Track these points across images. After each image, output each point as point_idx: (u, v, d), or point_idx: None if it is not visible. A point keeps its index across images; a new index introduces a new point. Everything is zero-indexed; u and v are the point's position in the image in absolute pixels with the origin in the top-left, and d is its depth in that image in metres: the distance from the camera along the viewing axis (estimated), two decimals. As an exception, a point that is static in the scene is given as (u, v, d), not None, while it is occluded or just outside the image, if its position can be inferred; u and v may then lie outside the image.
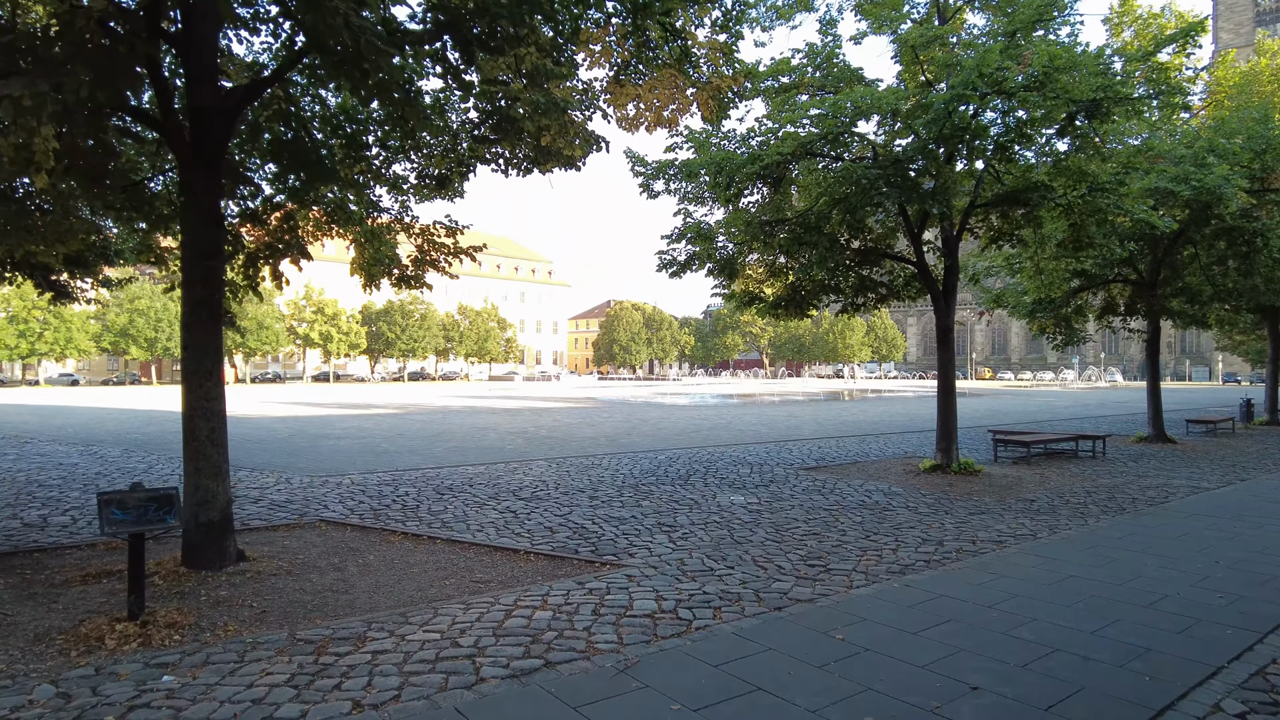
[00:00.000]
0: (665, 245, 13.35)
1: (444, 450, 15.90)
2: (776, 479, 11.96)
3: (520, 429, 21.09)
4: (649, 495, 10.31)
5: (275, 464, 13.66)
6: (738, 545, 7.55)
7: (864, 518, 9.07)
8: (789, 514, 9.20)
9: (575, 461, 13.90)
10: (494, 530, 8.17)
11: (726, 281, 13.79)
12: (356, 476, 12.00)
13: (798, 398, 44.15)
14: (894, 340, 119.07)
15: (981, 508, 9.84)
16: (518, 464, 13.55)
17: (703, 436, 19.25)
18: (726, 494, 10.50)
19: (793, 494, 10.65)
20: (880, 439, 18.93)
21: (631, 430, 20.92)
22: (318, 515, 8.95)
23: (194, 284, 6.66)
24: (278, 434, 19.44)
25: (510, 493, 10.41)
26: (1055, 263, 16.44)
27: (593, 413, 29.05)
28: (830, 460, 14.54)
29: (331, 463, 13.90)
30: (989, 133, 11.23)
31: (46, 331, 71.45)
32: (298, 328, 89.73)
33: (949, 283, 13.22)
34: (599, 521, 8.59)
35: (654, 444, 17.28)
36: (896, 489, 11.22)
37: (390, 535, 8.03)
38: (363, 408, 32.28)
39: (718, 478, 12.01)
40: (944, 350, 13.34)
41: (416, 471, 12.56)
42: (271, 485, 11.03)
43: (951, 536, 8.10)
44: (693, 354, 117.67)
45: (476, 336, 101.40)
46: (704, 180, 12.81)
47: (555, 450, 15.97)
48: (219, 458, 6.61)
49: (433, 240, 10.67)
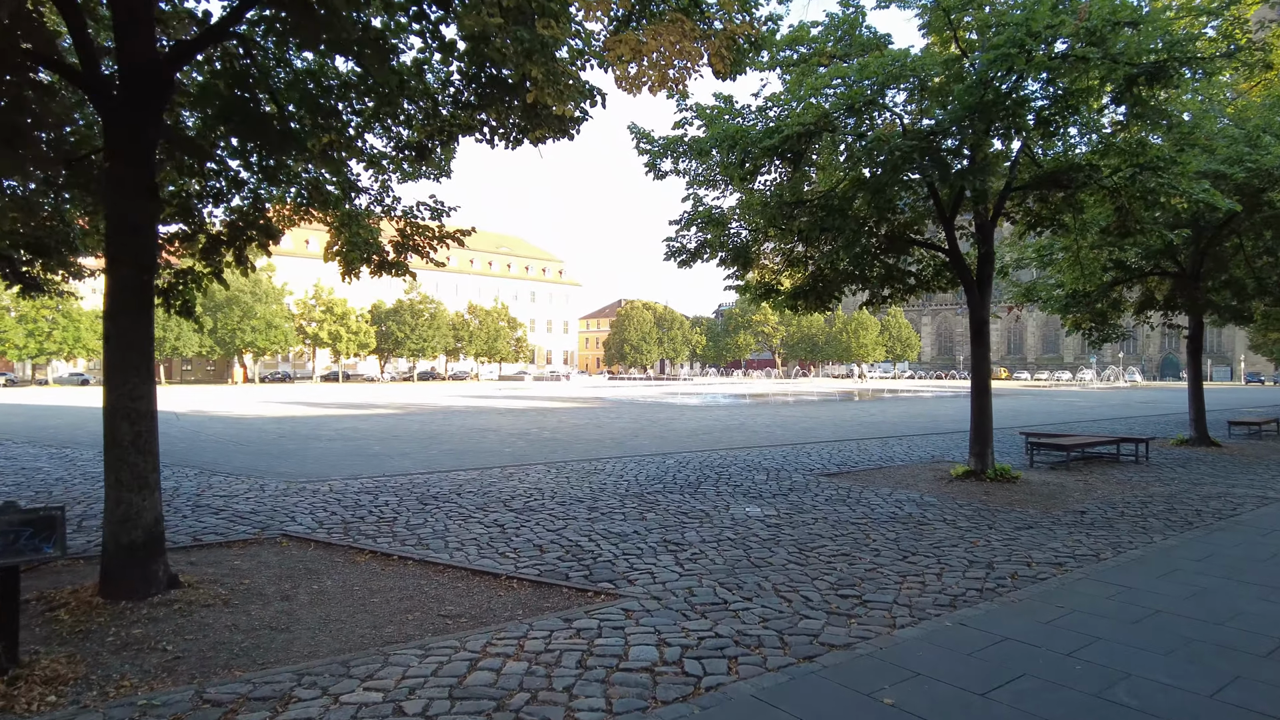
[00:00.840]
0: (674, 232, 12.32)
1: (438, 453, 14.92)
2: (796, 487, 10.90)
3: (522, 430, 20.09)
4: (654, 506, 9.27)
5: (255, 468, 12.71)
6: (756, 569, 6.50)
7: (898, 533, 7.99)
8: (813, 529, 8.14)
9: (576, 466, 12.87)
10: (475, 549, 7.16)
11: (740, 272, 12.73)
12: (338, 483, 11.03)
13: (812, 398, 43.01)
14: (908, 340, 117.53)
15: (1027, 521, 8.74)
16: (514, 469, 12.54)
17: (714, 439, 18.20)
18: (741, 505, 9.44)
19: (815, 505, 9.59)
20: (903, 441, 17.81)
21: (639, 432, 19.88)
22: (281, 529, 7.97)
23: (119, 264, 5.68)
24: (268, 435, 18.53)
25: (501, 503, 9.39)
26: (1095, 252, 15.25)
27: (600, 413, 28.04)
28: (853, 465, 13.45)
29: (316, 467, 12.94)
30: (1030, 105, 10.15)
31: (55, 331, 71.18)
32: (307, 327, 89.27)
33: (984, 272, 12.11)
34: (596, 538, 7.56)
35: (662, 447, 16.24)
36: (929, 498, 10.14)
37: (357, 554, 7.02)
38: (364, 408, 31.41)
39: (731, 485, 10.95)
40: (978, 346, 12.23)
41: (404, 477, 11.57)
42: (242, 493, 10.06)
43: (1001, 557, 7.02)
44: (704, 353, 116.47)
45: (486, 336, 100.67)
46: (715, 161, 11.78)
47: (557, 454, 14.96)
48: (146, 466, 5.62)
49: (416, 223, 9.69)
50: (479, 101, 7.53)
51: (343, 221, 9.46)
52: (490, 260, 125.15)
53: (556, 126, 7.22)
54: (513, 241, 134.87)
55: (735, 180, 10.84)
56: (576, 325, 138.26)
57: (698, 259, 12.44)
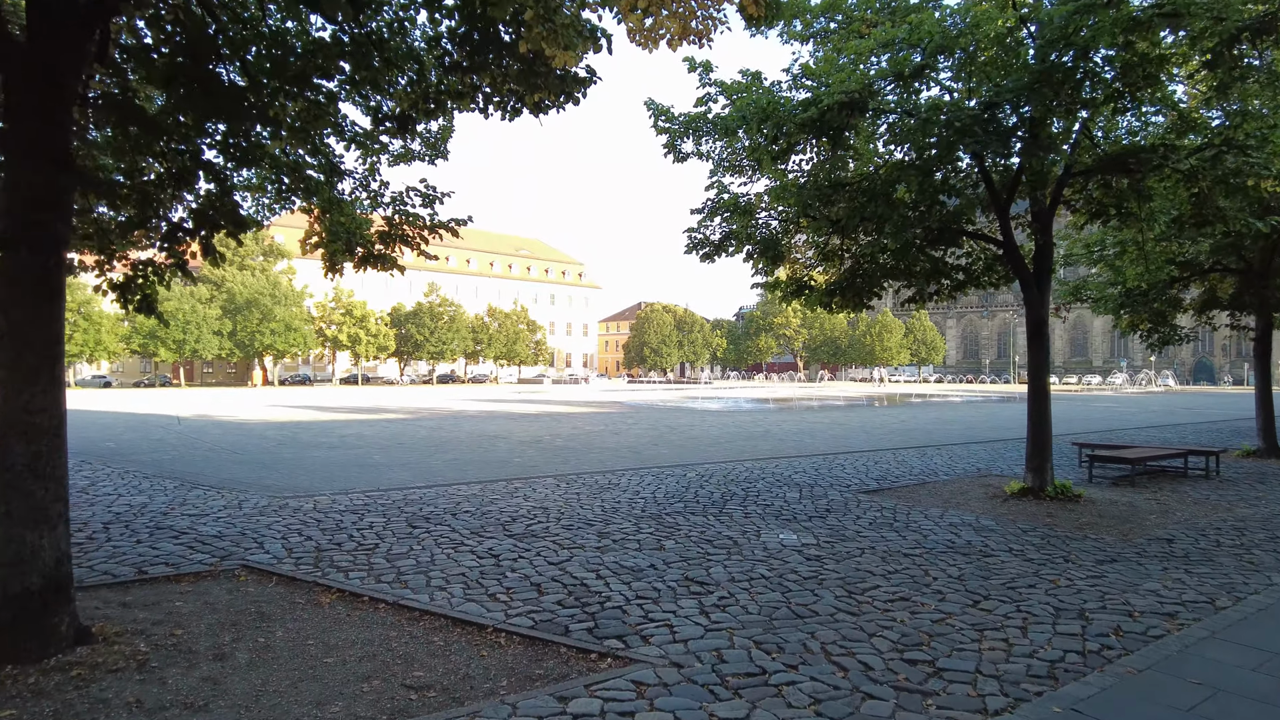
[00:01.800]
0: (695, 223, 11.18)
1: (441, 464, 13.86)
2: (834, 506, 9.69)
3: (535, 437, 19.01)
4: (674, 531, 8.11)
5: (241, 480, 11.71)
6: (798, 620, 5.32)
7: (961, 568, 6.78)
8: (860, 563, 6.94)
9: (589, 480, 11.74)
10: (461, 587, 6.04)
11: (769, 266, 11.55)
12: (325, 499, 9.99)
13: (838, 403, 41.62)
14: (933, 343, 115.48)
15: (1107, 551, 7.49)
16: (520, 482, 11.44)
17: (738, 448, 17.00)
18: (774, 530, 8.26)
19: (858, 529, 8.38)
20: (942, 452, 16.51)
21: (658, 440, 18.73)
22: (244, 558, 6.91)
23: (16, 246, 4.63)
24: (267, 442, 17.60)
25: (500, 525, 8.28)
26: (1163, 245, 13.87)
27: (618, 419, 26.91)
28: (893, 480, 12.21)
29: (307, 479, 11.93)
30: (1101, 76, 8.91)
31: (76, 334, 71.37)
32: (326, 330, 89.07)
33: (1041, 265, 10.85)
34: (605, 574, 6.41)
35: (683, 457, 15.07)
36: (986, 521, 8.90)
37: (323, 593, 5.94)
38: (374, 412, 30.51)
39: (760, 505, 9.77)
40: (1037, 349, 10.96)
41: (399, 492, 10.51)
42: (215, 511, 9.04)
43: (1094, 603, 5.80)
44: (724, 356, 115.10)
45: (505, 339, 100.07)
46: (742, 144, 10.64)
47: (569, 464, 13.85)
48: (46, 495, 4.55)
49: (405, 211, 8.62)
50: (470, 64, 6.44)
51: (325, 207, 8.43)
52: (510, 263, 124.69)
53: (558, 87, 6.10)
54: (533, 244, 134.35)
55: (766, 162, 9.67)
56: (596, 328, 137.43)
57: (722, 252, 11.30)
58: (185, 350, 76.18)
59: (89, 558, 6.82)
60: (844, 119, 8.39)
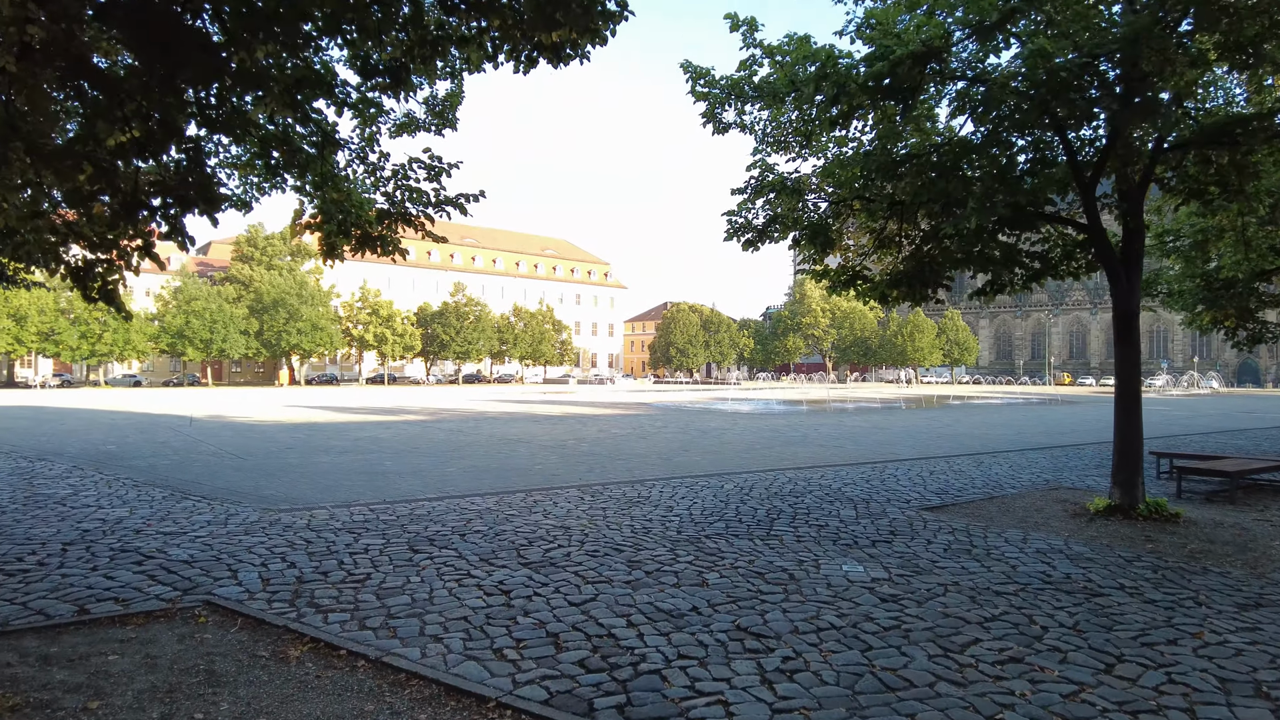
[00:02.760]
0: (736, 205, 9.97)
1: (456, 471, 12.79)
2: (898, 527, 8.44)
3: (558, 441, 17.90)
4: (717, 560, 6.91)
5: (236, 490, 10.73)
6: (891, 696, 4.11)
7: (1071, 613, 5.52)
8: (947, 604, 5.70)
9: (616, 493, 10.58)
10: (462, 637, 4.91)
11: (818, 254, 10.31)
12: (323, 512, 8.95)
13: (874, 405, 40.09)
14: (966, 343, 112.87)
15: (1244, 591, 6.17)
16: (540, 494, 10.32)
17: (776, 454, 15.75)
18: (834, 559, 7.03)
19: (932, 557, 7.14)
20: (999, 459, 15.13)
21: (689, 445, 17.52)
22: (211, 591, 5.85)
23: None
24: (274, 446, 16.67)
25: (514, 550, 7.14)
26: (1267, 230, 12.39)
27: (645, 421, 25.74)
28: (955, 493, 10.92)
29: (309, 489, 10.92)
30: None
31: (105, 334, 71.83)
32: (353, 329, 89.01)
33: (1131, 250, 9.50)
34: (638, 620, 5.24)
35: (718, 464, 13.87)
36: (1079, 547, 7.60)
37: (293, 643, 4.84)
38: (394, 413, 29.63)
39: (813, 525, 8.54)
40: (1126, 345, 9.61)
41: (406, 505, 9.44)
42: (195, 528, 8.01)
43: (1267, 670, 4.52)
44: (751, 357, 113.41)
45: (531, 339, 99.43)
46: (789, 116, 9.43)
47: (594, 472, 12.71)
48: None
49: (408, 186, 7.53)
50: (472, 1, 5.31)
51: (318, 183, 7.37)
52: (536, 263, 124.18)
53: (580, 21, 4.94)
54: (558, 244, 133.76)
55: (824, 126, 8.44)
56: (622, 328, 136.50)
57: (766, 239, 10.08)
58: (212, 350, 76.36)
59: (30, 589, 5.79)
60: (917, 76, 7.14)
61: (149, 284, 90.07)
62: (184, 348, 75.59)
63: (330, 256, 7.92)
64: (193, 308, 75.02)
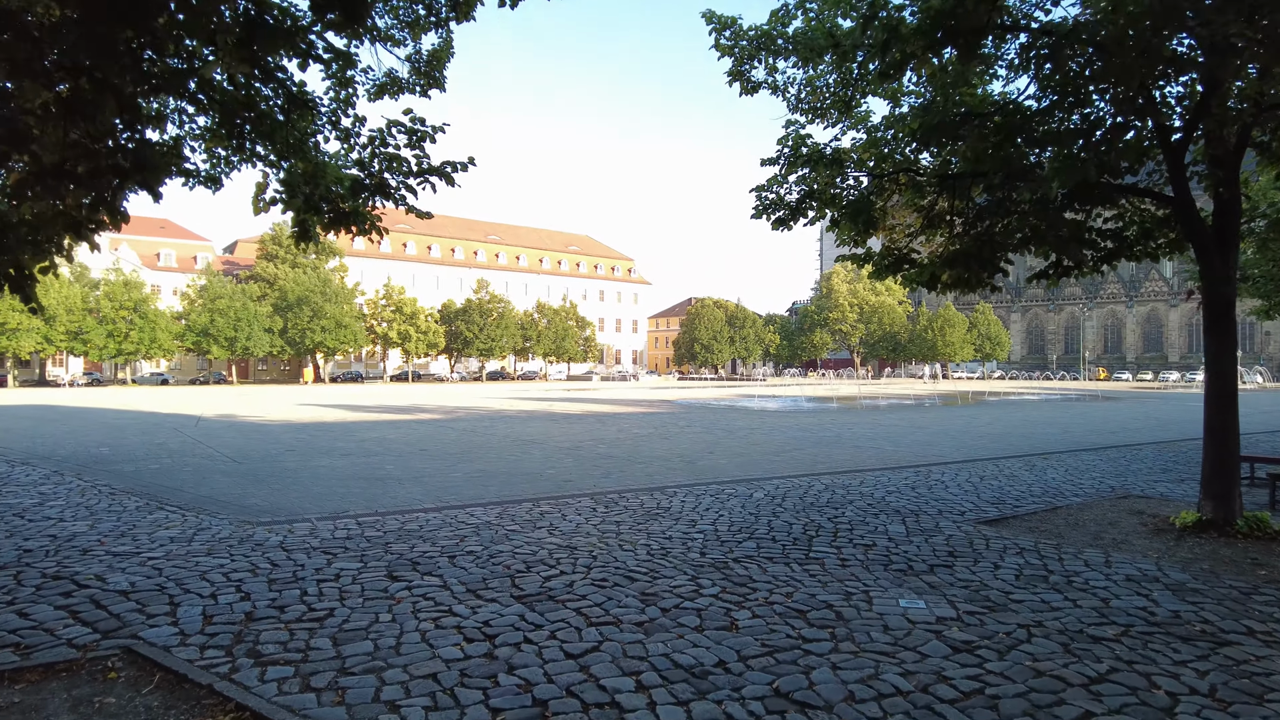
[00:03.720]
0: (766, 179, 8.84)
1: (462, 477, 11.81)
2: (956, 547, 7.27)
3: (575, 442, 16.87)
4: (748, 591, 5.81)
5: (219, 498, 9.83)
6: (993, 813, 3.00)
7: (1198, 669, 4.36)
8: (1036, 655, 4.56)
9: (632, 502, 9.52)
10: (424, 706, 3.86)
11: (859, 235, 9.14)
12: (304, 525, 7.99)
13: (907, 401, 38.62)
14: (997, 337, 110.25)
15: None
16: (549, 504, 9.28)
17: (809, 457, 14.58)
18: (888, 590, 5.90)
19: (1003, 586, 5.98)
20: (1051, 462, 13.84)
21: (714, 446, 16.40)
22: (139, 631, 4.87)
23: None
24: (275, 448, 15.82)
25: (508, 578, 6.09)
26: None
27: (668, 420, 24.64)
28: (1012, 503, 9.71)
29: (297, 497, 9.99)
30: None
31: (132, 332, 72.22)
32: (377, 327, 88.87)
33: (1225, 227, 8.23)
34: (650, 682, 4.16)
35: (745, 469, 12.75)
36: (1175, 572, 6.40)
37: (212, 712, 3.83)
38: (409, 412, 28.81)
39: (857, 542, 7.40)
40: (1219, 335, 8.34)
41: (398, 518, 8.45)
42: (153, 547, 7.07)
43: None
44: (777, 353, 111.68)
45: (554, 335, 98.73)
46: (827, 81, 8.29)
47: (610, 477, 11.65)
48: None
49: (386, 154, 6.51)
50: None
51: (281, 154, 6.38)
52: (560, 259, 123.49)
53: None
54: (582, 240, 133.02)
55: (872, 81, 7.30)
56: (646, 324, 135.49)
57: (799, 217, 8.95)
58: (237, 348, 76.47)
59: (-75, 631, 4.86)
60: (983, 13, 5.96)
61: (176, 282, 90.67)
62: (208, 346, 75.78)
63: (303, 239, 6.93)
64: (217, 306, 75.17)
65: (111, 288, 72.58)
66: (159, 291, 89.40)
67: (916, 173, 8.97)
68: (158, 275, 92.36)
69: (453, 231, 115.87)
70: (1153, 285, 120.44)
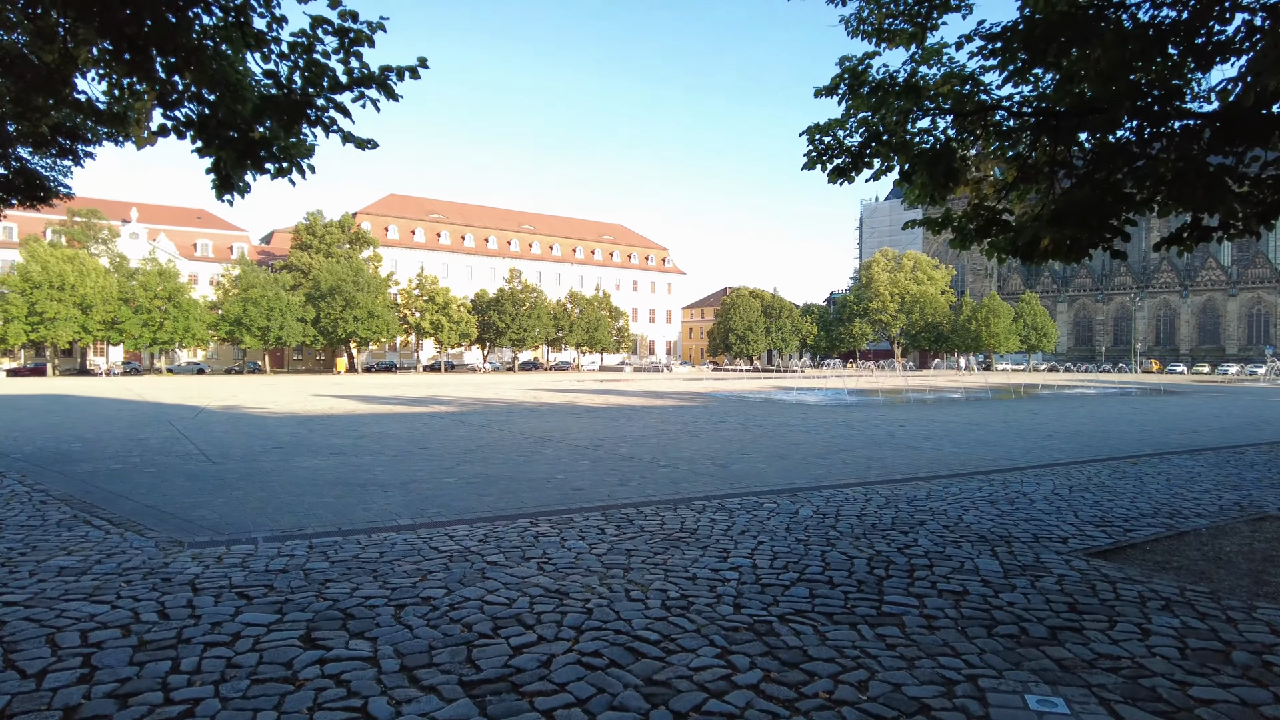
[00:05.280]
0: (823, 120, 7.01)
1: (456, 483, 10.19)
2: (1074, 595, 5.41)
3: (594, 440, 15.19)
4: (803, 678, 4.03)
5: (167, 507, 8.33)
6: None
7: None
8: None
9: (651, 520, 7.79)
10: None
11: (938, 191, 7.28)
12: (241, 550, 6.42)
13: (956, 395, 36.31)
14: (1044, 328, 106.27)
15: None
16: (549, 522, 7.60)
17: (861, 460, 12.72)
18: (1005, 678, 4.08)
19: (1167, 670, 4.13)
20: (1144, 468, 11.79)
21: (750, 446, 14.60)
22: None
23: None
24: (265, 445, 14.38)
25: (464, 645, 4.39)
26: None
27: (699, 414, 22.84)
28: (1120, 524, 7.78)
29: (256, 508, 8.44)
30: None
31: (166, 321, 72.38)
32: (410, 316, 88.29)
33: None
34: None
35: (787, 474, 10.95)
36: None
37: None
38: (424, 404, 27.39)
39: (940, 586, 5.58)
40: None
41: (358, 541, 6.84)
42: (24, 583, 5.53)
43: None
44: (815, 343, 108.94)
45: (587, 325, 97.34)
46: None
47: (629, 486, 9.94)
48: None
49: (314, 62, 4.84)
50: None
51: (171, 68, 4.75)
52: (593, 249, 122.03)
53: None
54: (615, 229, 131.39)
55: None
56: (680, 314, 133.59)
57: (861, 168, 7.12)
58: (269, 337, 76.29)
59: None
60: None
61: (212, 272, 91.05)
62: (241, 335, 75.71)
63: (226, 190, 5.31)
64: (249, 295, 75.00)
65: (146, 277, 72.76)
66: (195, 281, 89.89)
67: (1011, 110, 7.07)
68: (194, 265, 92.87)
69: (486, 221, 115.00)
70: (1209, 274, 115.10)
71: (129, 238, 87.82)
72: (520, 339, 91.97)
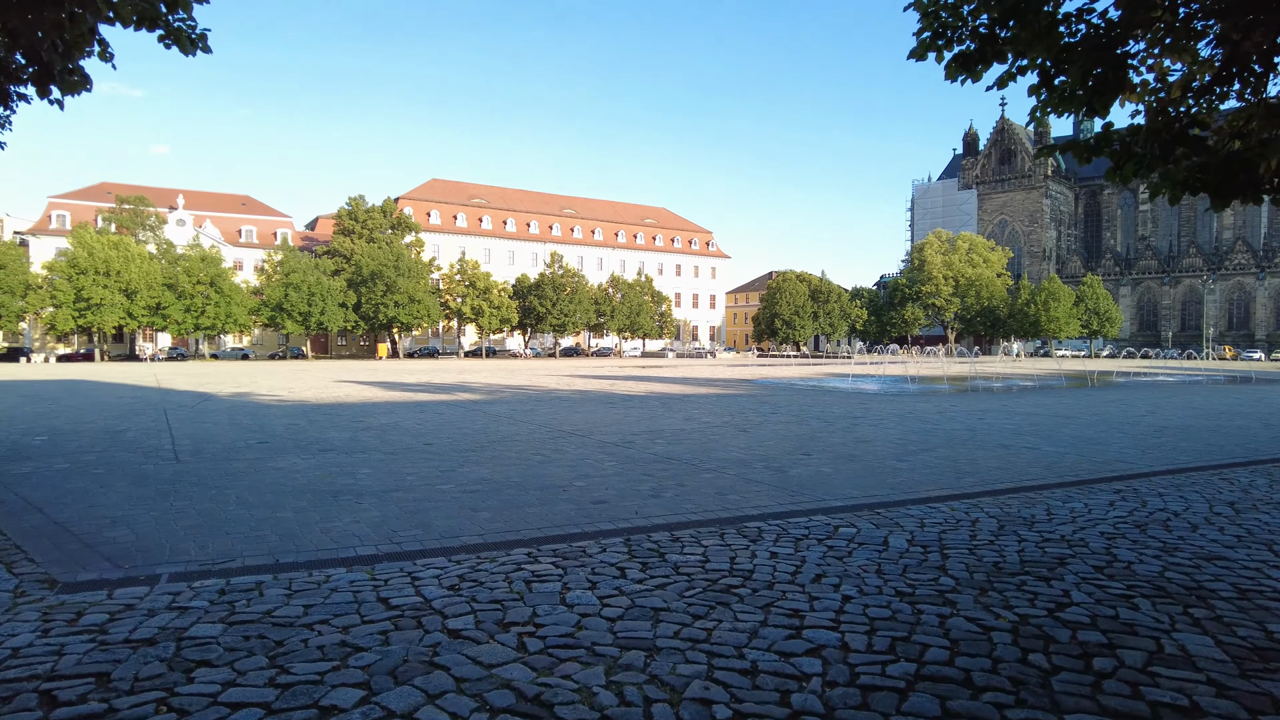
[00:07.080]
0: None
1: (452, 491, 8.30)
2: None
3: (627, 437, 13.19)
4: None
5: (74, 525, 6.60)
6: None
7: None
8: None
9: (691, 555, 5.78)
10: None
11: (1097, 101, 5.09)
12: (124, 596, 4.63)
13: (1027, 383, 33.48)
14: (1107, 313, 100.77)
15: None
16: (553, 558, 5.65)
17: (945, 462, 10.51)
18: None
19: None
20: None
21: (810, 444, 12.45)
22: None
23: None
24: (248, 439, 12.70)
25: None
26: None
27: (747, 404, 20.69)
28: (1358, 572, 5.54)
29: (187, 528, 6.66)
30: None
31: (209, 307, 72.48)
32: (451, 301, 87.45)
33: None
34: None
35: (860, 483, 8.83)
36: None
37: None
38: (449, 391, 25.72)
39: (1146, 691, 3.48)
40: None
41: (287, 582, 5.00)
42: None
43: None
44: (864, 328, 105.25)
45: (629, 310, 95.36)
46: None
47: (662, 498, 7.93)
48: None
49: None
50: None
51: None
52: (635, 233, 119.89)
53: None
54: (658, 213, 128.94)
55: None
56: (724, 299, 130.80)
57: (991, 58, 4.96)
58: (310, 323, 75.99)
59: None
60: None
61: (257, 258, 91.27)
62: (282, 321, 75.53)
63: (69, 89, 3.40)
64: (291, 280, 74.70)
65: (189, 263, 72.87)
66: (240, 267, 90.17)
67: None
68: (239, 251, 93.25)
69: (528, 206, 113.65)
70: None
71: (175, 224, 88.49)
72: (561, 324, 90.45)
